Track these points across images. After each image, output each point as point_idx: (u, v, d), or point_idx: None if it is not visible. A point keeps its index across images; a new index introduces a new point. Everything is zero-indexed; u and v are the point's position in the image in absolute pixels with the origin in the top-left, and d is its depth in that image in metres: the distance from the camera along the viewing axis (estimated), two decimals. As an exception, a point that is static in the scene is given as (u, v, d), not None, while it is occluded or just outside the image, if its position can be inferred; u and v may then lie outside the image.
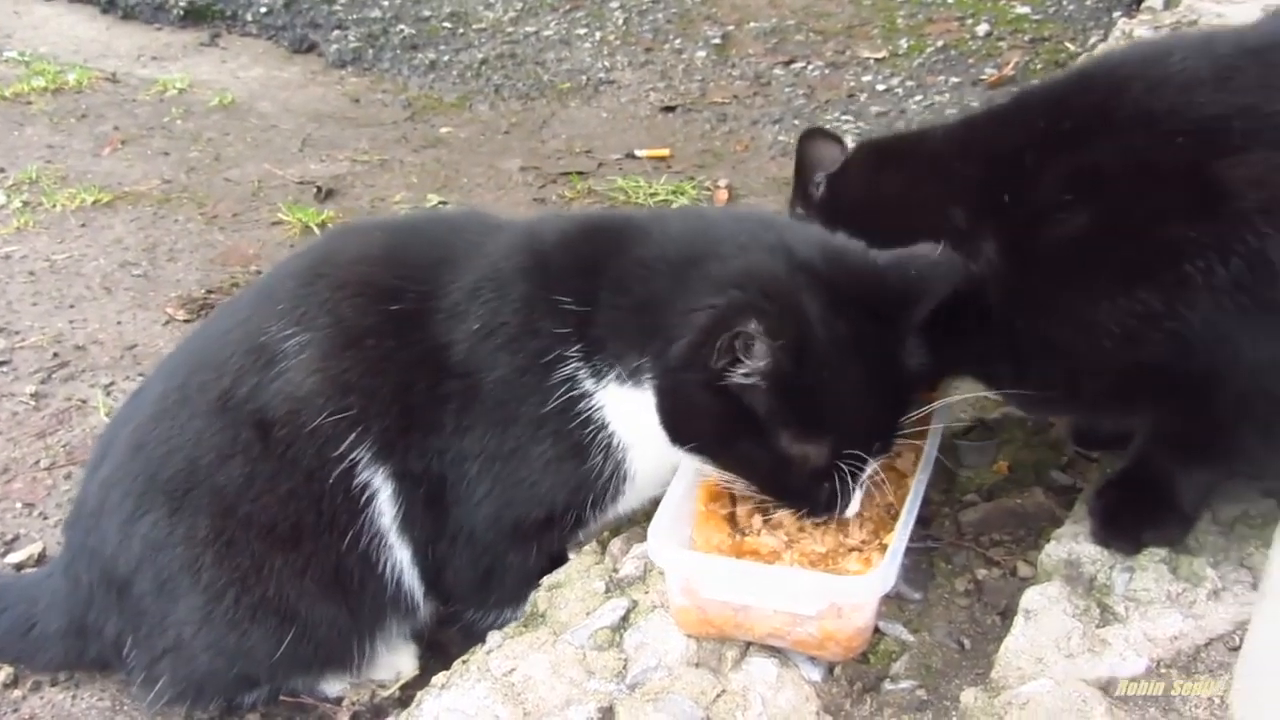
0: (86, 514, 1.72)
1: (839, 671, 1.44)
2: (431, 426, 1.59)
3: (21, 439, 2.45)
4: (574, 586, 1.57)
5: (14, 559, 2.10)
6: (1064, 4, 4.40)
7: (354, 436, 1.58)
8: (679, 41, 4.47)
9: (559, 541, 1.70)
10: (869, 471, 1.42)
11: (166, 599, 1.66)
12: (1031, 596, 1.45)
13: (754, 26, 4.53)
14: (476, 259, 1.64)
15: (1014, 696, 1.32)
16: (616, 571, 1.58)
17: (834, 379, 1.38)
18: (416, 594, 1.70)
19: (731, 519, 1.52)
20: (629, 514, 1.70)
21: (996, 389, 1.59)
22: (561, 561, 1.67)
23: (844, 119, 3.98)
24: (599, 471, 1.57)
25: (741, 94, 4.11)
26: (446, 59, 4.43)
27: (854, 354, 1.38)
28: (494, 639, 1.52)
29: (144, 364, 2.72)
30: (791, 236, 1.48)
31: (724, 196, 3.55)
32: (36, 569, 2.05)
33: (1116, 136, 1.37)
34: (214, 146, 3.89)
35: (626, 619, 1.49)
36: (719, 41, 4.44)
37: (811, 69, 4.22)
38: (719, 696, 1.39)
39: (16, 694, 1.84)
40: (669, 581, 1.43)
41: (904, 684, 1.43)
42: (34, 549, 2.12)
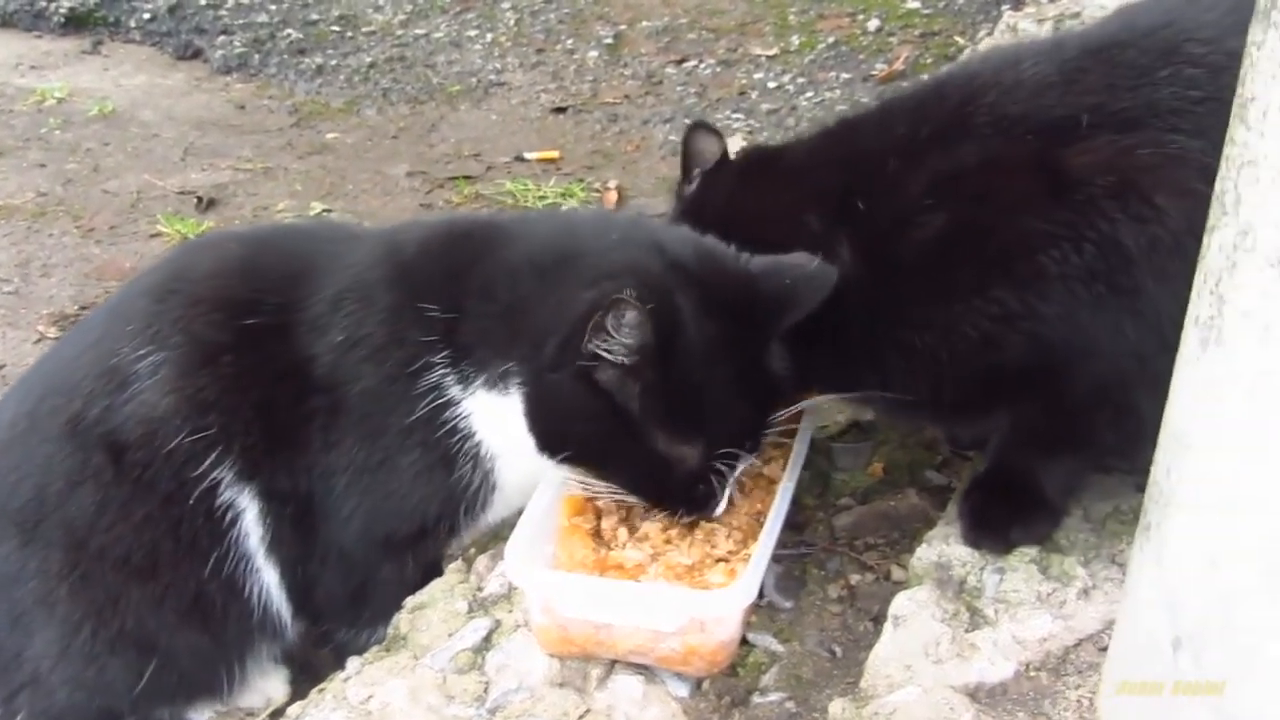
0: None
1: (707, 686, 1.41)
2: (297, 443, 1.54)
3: None
4: (437, 607, 1.53)
5: None
6: (953, -1, 4.41)
7: (214, 456, 1.53)
8: (571, 42, 4.42)
9: (433, 551, 1.67)
10: (740, 470, 1.40)
11: (21, 634, 1.60)
12: (901, 602, 1.43)
13: (646, 25, 4.49)
14: (338, 269, 1.59)
15: (881, 706, 1.30)
16: (481, 590, 1.54)
17: (705, 376, 1.37)
18: (285, 616, 1.65)
19: (596, 533, 1.48)
20: (499, 524, 1.66)
21: (865, 401, 1.57)
22: (436, 573, 1.63)
23: (735, 117, 3.95)
24: (468, 481, 1.54)
25: (633, 94, 4.08)
26: (334, 63, 4.33)
27: (723, 354, 1.37)
28: (352, 665, 1.47)
29: (10, 382, 2.62)
30: (664, 236, 1.46)
31: (613, 198, 3.51)
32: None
33: (972, 141, 1.36)
34: (93, 157, 3.77)
35: (489, 639, 1.45)
36: (611, 41, 4.39)
37: (704, 67, 4.19)
38: (583, 717, 1.35)
39: None
40: (529, 601, 1.39)
41: (773, 696, 1.40)
42: None
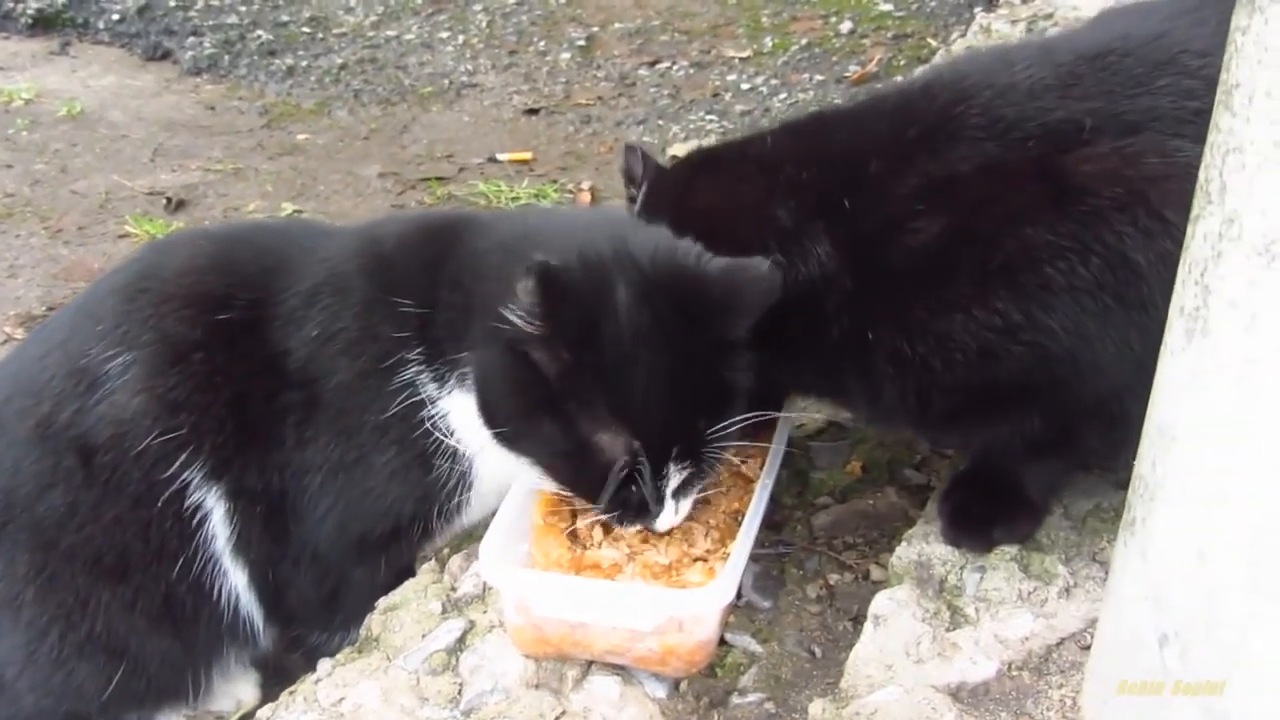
0: None
1: (685, 687, 1.38)
2: (270, 440, 1.52)
3: None
4: (410, 608, 1.50)
5: None
6: (926, 1, 4.41)
7: (185, 457, 1.50)
8: (543, 44, 4.40)
9: (407, 554, 1.64)
10: (674, 481, 1.34)
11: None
12: (881, 601, 1.41)
13: (619, 27, 4.47)
14: (312, 263, 1.56)
15: (862, 706, 1.28)
16: (455, 590, 1.52)
17: (632, 364, 1.32)
18: (256, 620, 1.62)
19: (572, 533, 1.45)
20: (474, 524, 1.63)
21: (845, 407, 1.55)
22: (408, 576, 1.61)
23: (709, 119, 3.94)
24: (444, 480, 1.51)
25: (606, 95, 4.06)
26: (305, 64, 4.30)
27: (657, 349, 1.32)
28: (324, 666, 1.45)
29: None
30: (628, 231, 1.43)
31: (587, 199, 3.49)
32: None
33: (968, 145, 1.34)
34: (60, 158, 3.72)
35: (463, 640, 1.43)
36: (584, 43, 4.37)
37: (676, 69, 4.18)
38: (559, 719, 1.32)
39: None
40: (503, 600, 1.37)
41: (752, 697, 1.38)
42: None
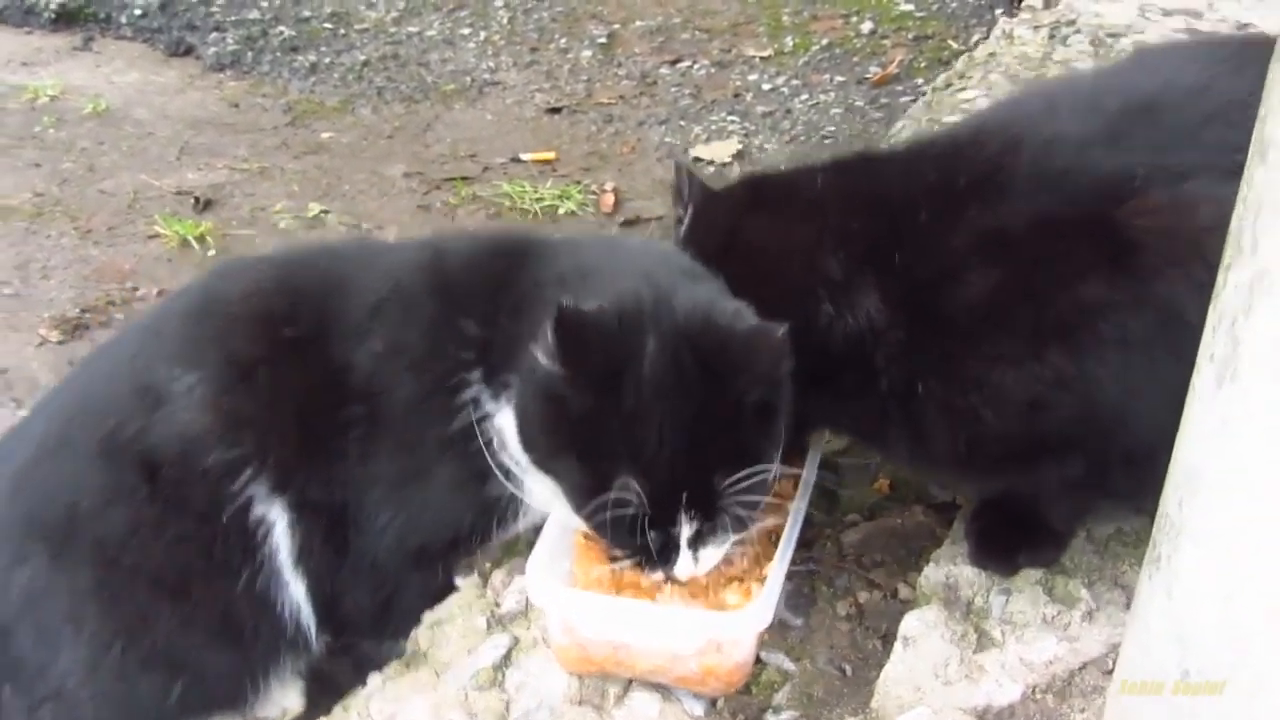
0: None
1: (721, 705, 1.43)
2: (333, 454, 1.56)
3: None
4: (456, 623, 1.56)
5: None
6: (947, 2, 4.45)
7: (249, 471, 1.54)
8: (564, 41, 4.44)
9: (461, 563, 1.68)
10: (687, 531, 1.37)
11: (47, 648, 1.60)
12: (910, 623, 1.46)
13: (640, 25, 4.51)
14: (375, 278, 1.60)
15: (894, 726, 1.33)
16: (498, 606, 1.57)
17: (649, 415, 1.34)
18: (312, 629, 1.66)
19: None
20: (515, 539, 1.68)
21: (880, 452, 1.59)
22: (450, 590, 1.66)
23: (730, 119, 3.98)
24: (502, 494, 1.54)
25: (628, 94, 4.10)
26: (328, 61, 4.34)
27: (677, 401, 1.35)
28: (374, 681, 1.50)
29: (16, 389, 2.64)
30: (678, 280, 1.45)
31: (610, 200, 3.54)
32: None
33: (1020, 197, 1.37)
34: (87, 156, 3.77)
35: (508, 657, 1.48)
36: (605, 41, 4.41)
37: (698, 68, 4.22)
38: (602, 734, 1.38)
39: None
40: (548, 619, 1.42)
41: (785, 715, 1.43)
42: None
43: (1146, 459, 1.27)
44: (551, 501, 1.52)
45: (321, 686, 1.76)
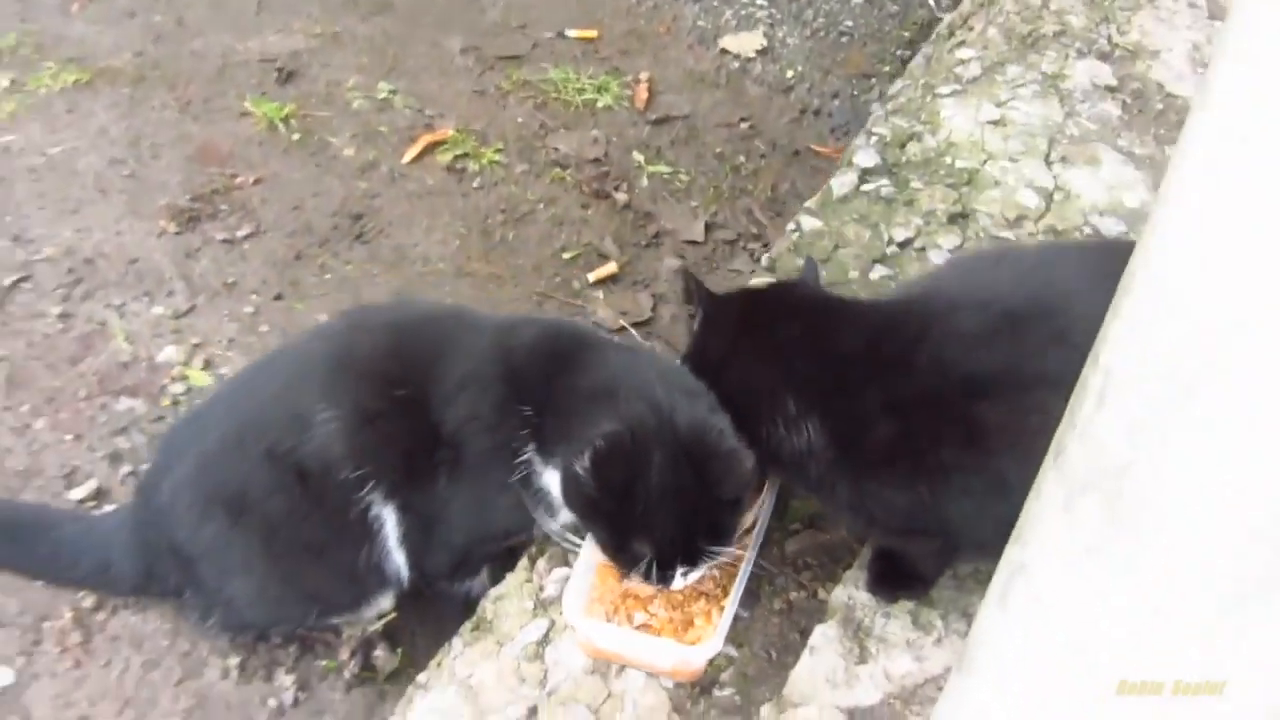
0: (159, 504, 2.32)
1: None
2: (428, 479, 2.21)
3: (58, 364, 2.97)
4: (511, 600, 2.27)
5: (76, 494, 2.70)
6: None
7: (370, 485, 2.19)
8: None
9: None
10: (679, 572, 2.04)
11: (223, 577, 2.32)
12: (817, 635, 2.17)
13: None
14: (463, 358, 2.22)
15: (793, 715, 2.07)
16: (542, 590, 2.28)
17: (655, 507, 2.00)
18: (405, 577, 2.37)
19: (622, 570, 2.20)
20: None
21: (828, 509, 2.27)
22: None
23: (759, 5, 4.44)
24: (539, 514, 2.23)
25: (668, -28, 4.49)
26: (392, -90, 4.68)
27: (675, 497, 2.00)
28: (457, 645, 2.22)
29: (146, 281, 3.21)
30: (678, 400, 2.07)
31: (644, 95, 4.04)
32: (98, 508, 2.67)
33: (920, 375, 1.96)
34: (174, 8, 4.22)
35: (547, 636, 2.20)
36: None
37: (732, -52, 4.58)
38: (607, 698, 2.12)
39: (100, 616, 2.50)
40: (577, 631, 2.13)
41: (727, 690, 2.16)
42: (91, 485, 2.72)
43: (985, 547, 1.91)
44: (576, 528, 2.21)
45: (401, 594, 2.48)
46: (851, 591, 2.24)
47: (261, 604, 2.37)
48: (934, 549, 2.15)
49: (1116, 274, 1.38)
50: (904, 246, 2.93)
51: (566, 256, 3.49)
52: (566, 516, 2.19)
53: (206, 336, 3.11)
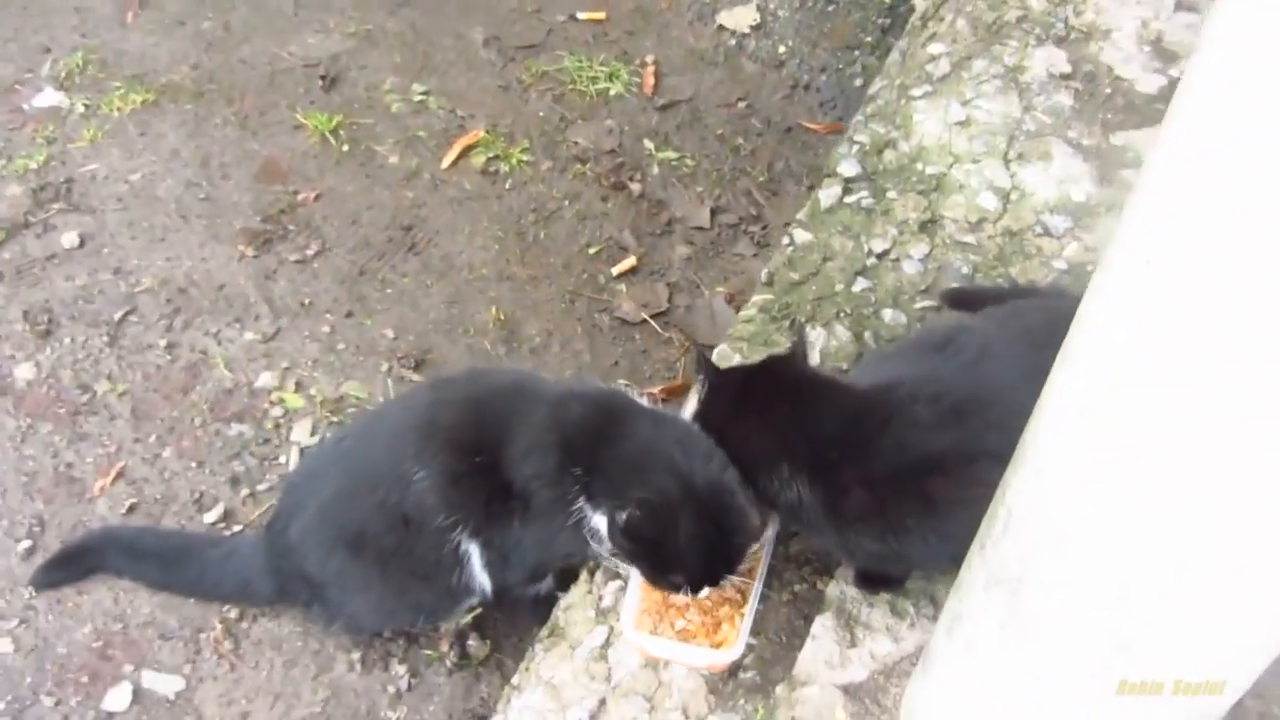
0: (288, 543, 2.92)
1: (717, 670, 2.78)
2: (503, 524, 2.77)
3: (172, 395, 3.48)
4: (576, 610, 2.87)
5: (209, 518, 3.27)
6: None
7: (459, 528, 2.76)
8: None
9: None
10: (706, 592, 2.65)
11: (346, 596, 2.93)
12: (817, 625, 2.77)
13: None
14: (527, 428, 2.75)
15: (800, 694, 2.68)
16: (601, 600, 2.88)
17: (685, 555, 2.55)
18: (489, 589, 2.96)
19: (662, 585, 2.79)
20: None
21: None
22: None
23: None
24: (593, 545, 2.81)
25: (666, -52, 4.85)
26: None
27: (700, 546, 2.55)
28: (539, 651, 2.83)
29: (235, 307, 3.69)
30: (697, 466, 2.61)
31: (651, 79, 4.48)
32: (227, 529, 3.26)
33: (885, 454, 2.46)
34: (219, 11, 4.63)
35: (608, 641, 2.81)
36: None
37: (723, -81, 4.92)
38: (657, 688, 2.74)
39: (244, 625, 3.13)
40: (630, 641, 2.74)
41: (750, 673, 2.77)
42: (219, 509, 3.28)
43: (944, 569, 2.46)
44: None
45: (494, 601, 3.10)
46: (843, 587, 2.82)
47: (378, 615, 2.99)
48: (901, 569, 2.74)
49: (1042, 371, 1.82)
50: (881, 258, 3.41)
51: (591, 252, 3.99)
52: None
53: (293, 359, 3.64)
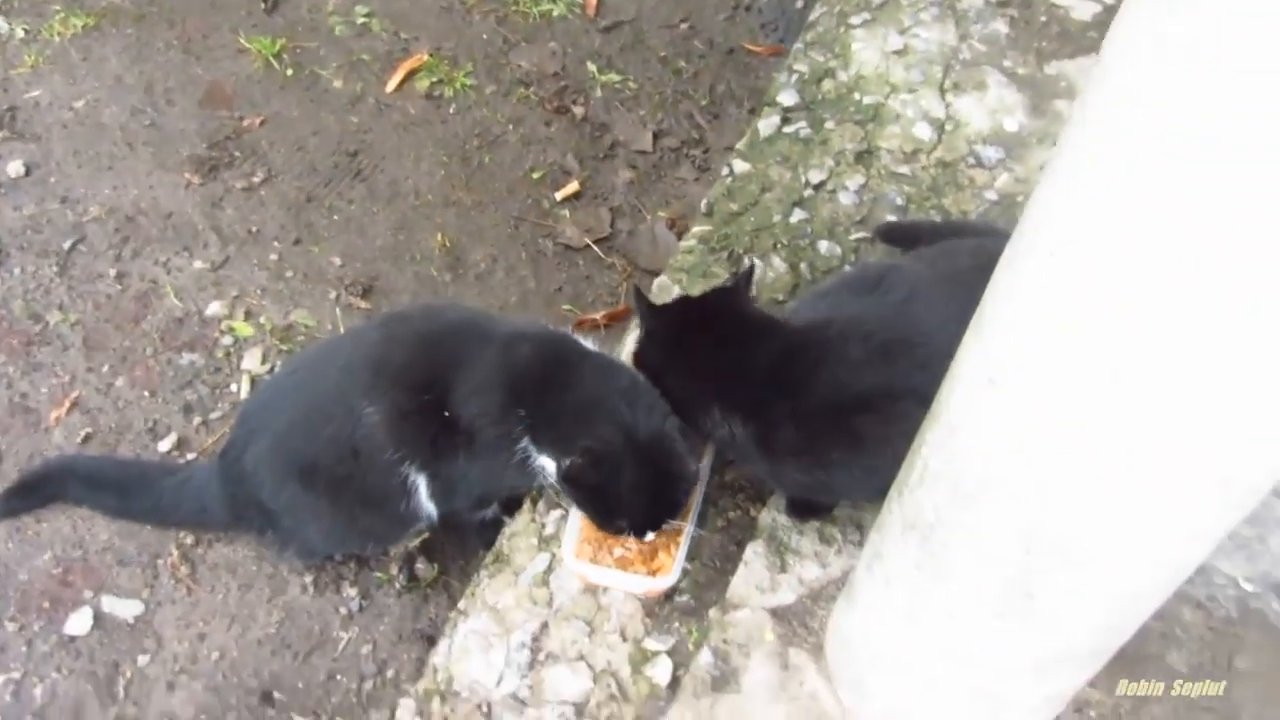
0: (243, 470, 3.01)
1: (653, 594, 2.93)
2: (449, 457, 2.89)
3: (124, 324, 3.52)
4: (520, 538, 3.01)
5: (163, 447, 3.36)
6: None
7: (408, 461, 2.87)
8: None
9: None
10: (649, 536, 2.79)
11: (298, 524, 3.04)
12: (749, 551, 2.92)
13: None
14: (477, 367, 2.86)
15: (731, 617, 2.84)
16: (544, 528, 3.01)
17: (626, 499, 2.68)
18: (435, 516, 3.09)
19: (601, 515, 2.92)
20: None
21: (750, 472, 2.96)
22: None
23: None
24: (531, 482, 2.93)
25: None
26: None
27: (642, 490, 2.67)
28: (484, 578, 2.97)
29: (183, 235, 3.73)
30: (640, 416, 2.71)
31: (593, 1, 4.50)
32: (181, 456, 3.36)
33: (818, 390, 2.57)
34: (157, -71, 4.59)
35: (550, 567, 2.95)
36: None
37: None
38: (597, 612, 2.88)
39: (200, 550, 3.25)
40: (571, 568, 2.88)
41: (685, 596, 2.93)
42: (173, 437, 3.37)
43: (869, 500, 2.62)
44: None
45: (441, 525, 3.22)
46: (774, 514, 2.97)
47: (329, 540, 3.11)
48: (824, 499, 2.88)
49: (968, 315, 1.89)
50: (818, 189, 3.51)
51: (535, 176, 4.06)
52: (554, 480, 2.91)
53: (242, 288, 3.70)
